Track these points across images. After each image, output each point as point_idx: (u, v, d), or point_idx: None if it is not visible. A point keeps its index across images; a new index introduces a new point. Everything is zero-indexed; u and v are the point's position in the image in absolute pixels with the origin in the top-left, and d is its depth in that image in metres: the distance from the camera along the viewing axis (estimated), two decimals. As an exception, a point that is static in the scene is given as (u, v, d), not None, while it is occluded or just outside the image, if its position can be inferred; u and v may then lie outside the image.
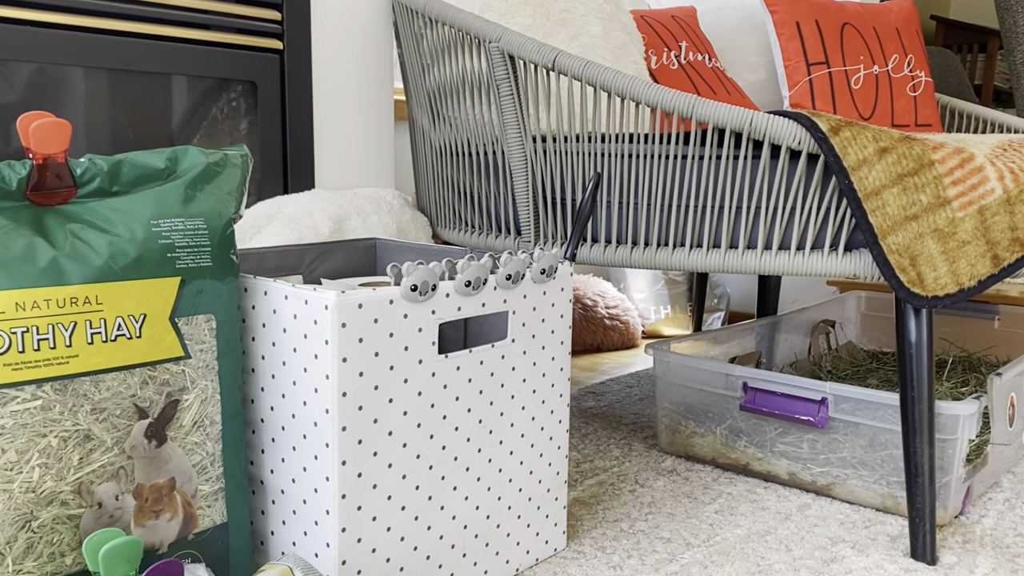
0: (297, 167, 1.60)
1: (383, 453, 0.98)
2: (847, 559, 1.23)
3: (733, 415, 1.53)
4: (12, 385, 0.78)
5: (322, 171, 1.67)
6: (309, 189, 1.61)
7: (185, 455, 0.92)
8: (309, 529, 0.98)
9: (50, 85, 1.40)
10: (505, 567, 1.16)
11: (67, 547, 0.83)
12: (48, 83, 1.40)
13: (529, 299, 1.13)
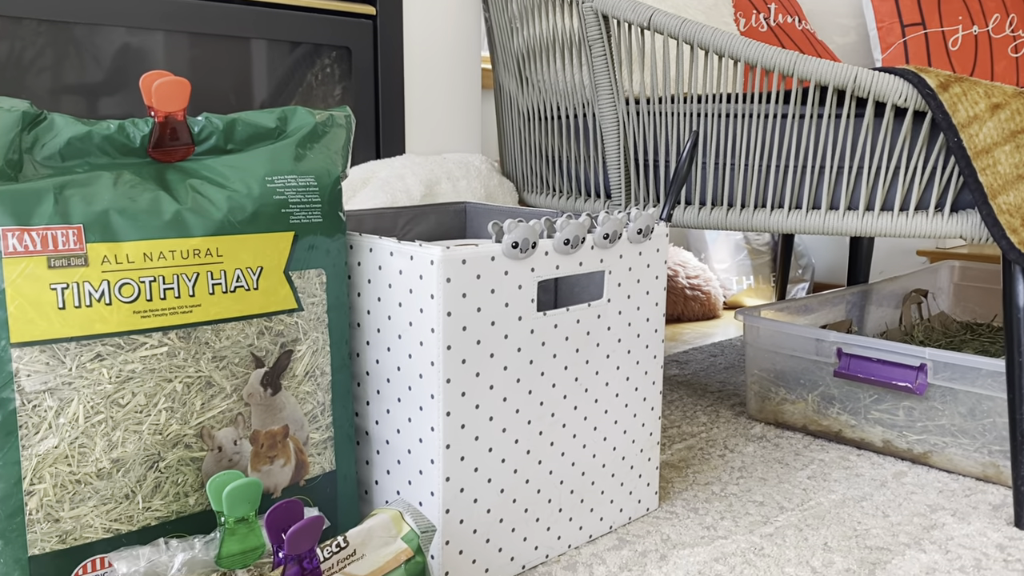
0: (389, 132, 1.63)
1: (484, 406, 1.00)
2: (948, 526, 1.21)
3: (826, 381, 1.50)
4: (141, 332, 0.82)
5: (412, 136, 1.69)
6: (400, 154, 1.64)
7: (297, 404, 0.95)
8: (413, 478, 1.00)
9: (149, 51, 1.45)
10: (599, 524, 1.17)
11: (190, 488, 0.87)
12: (147, 49, 1.45)
13: (625, 259, 1.13)
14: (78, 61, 1.37)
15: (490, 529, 1.03)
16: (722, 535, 1.18)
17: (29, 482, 0.77)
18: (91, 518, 0.80)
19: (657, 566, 1.09)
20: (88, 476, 0.80)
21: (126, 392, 0.82)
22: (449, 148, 1.77)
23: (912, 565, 1.09)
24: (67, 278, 0.78)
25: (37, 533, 0.77)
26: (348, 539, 0.82)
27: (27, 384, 0.76)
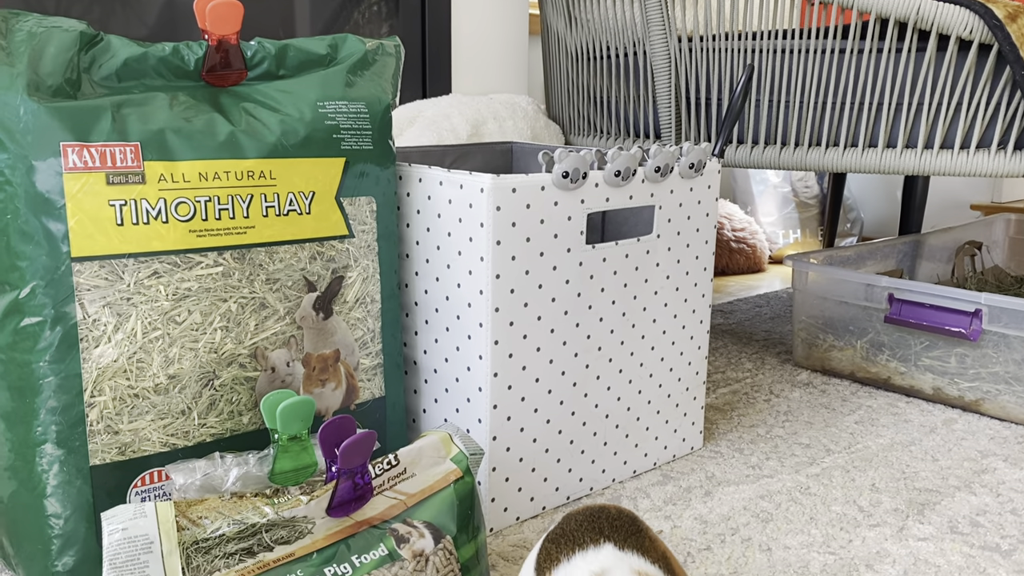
0: (435, 72, 1.62)
1: (532, 337, 1.00)
2: (999, 471, 1.19)
3: (876, 328, 1.48)
4: (197, 251, 0.83)
5: (458, 77, 1.68)
6: (446, 94, 1.63)
7: (348, 329, 0.96)
8: (461, 406, 1.01)
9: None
10: (644, 460, 1.18)
11: (244, 407, 0.88)
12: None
13: (676, 194, 1.12)
14: (123, 18, 1.38)
15: (536, 459, 1.04)
16: (767, 474, 1.17)
17: (90, 394, 0.79)
18: (149, 432, 0.82)
19: (702, 501, 1.09)
20: (146, 391, 0.81)
21: (182, 310, 0.83)
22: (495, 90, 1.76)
23: (962, 507, 1.08)
24: (125, 195, 0.79)
25: (98, 444, 0.79)
26: (399, 457, 0.83)
27: (87, 298, 0.78)
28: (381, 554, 0.77)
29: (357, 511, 0.80)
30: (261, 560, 0.73)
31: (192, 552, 0.71)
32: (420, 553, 0.79)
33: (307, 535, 0.76)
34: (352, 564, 0.76)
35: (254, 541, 0.74)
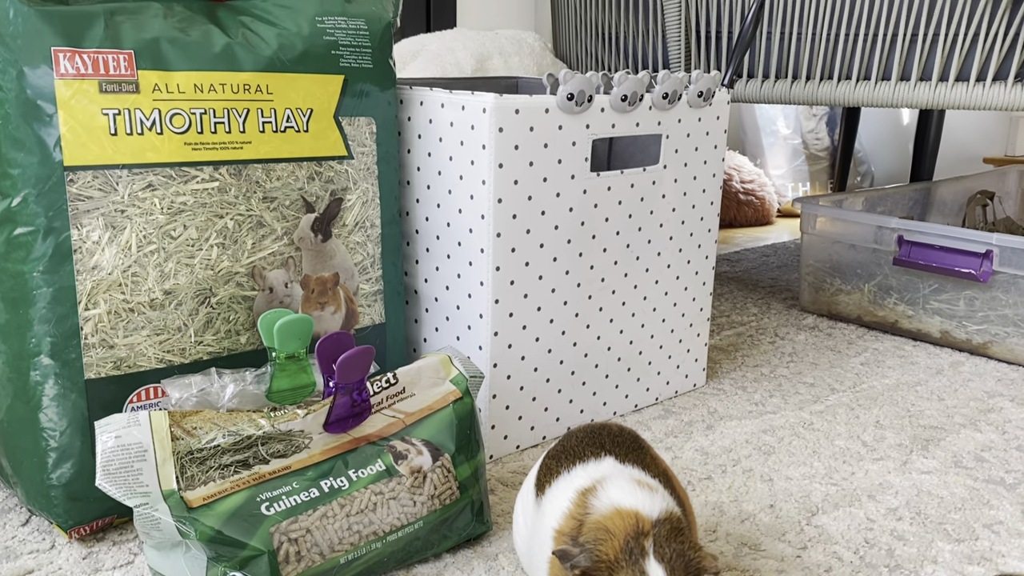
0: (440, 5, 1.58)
1: (534, 264, 0.98)
2: (1006, 410, 1.17)
3: (884, 271, 1.46)
4: (192, 164, 0.82)
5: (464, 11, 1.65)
6: (451, 28, 1.60)
7: (348, 253, 0.95)
8: (462, 334, 1.00)
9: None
10: (646, 395, 1.17)
11: (242, 327, 0.87)
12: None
13: (684, 124, 1.10)
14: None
15: (536, 388, 1.03)
16: (771, 411, 1.16)
17: (84, 307, 0.78)
18: (145, 347, 0.81)
19: (703, 434, 1.08)
20: (141, 305, 0.80)
21: (178, 224, 0.82)
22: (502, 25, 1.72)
23: (967, 443, 1.07)
24: (119, 104, 0.77)
25: (93, 358, 0.79)
26: (397, 376, 0.82)
27: (81, 209, 0.76)
28: (378, 469, 0.77)
29: (355, 428, 0.79)
30: (256, 472, 0.72)
31: (187, 462, 0.70)
32: (418, 470, 0.78)
33: (304, 450, 0.76)
34: (349, 478, 0.75)
35: (250, 454, 0.73)
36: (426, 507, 0.78)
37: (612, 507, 0.60)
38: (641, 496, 0.61)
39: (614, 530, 0.58)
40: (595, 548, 0.57)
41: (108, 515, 0.82)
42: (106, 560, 0.79)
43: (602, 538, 0.58)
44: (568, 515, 0.62)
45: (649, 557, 0.58)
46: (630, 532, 0.58)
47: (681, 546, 0.59)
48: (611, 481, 0.63)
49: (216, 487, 0.70)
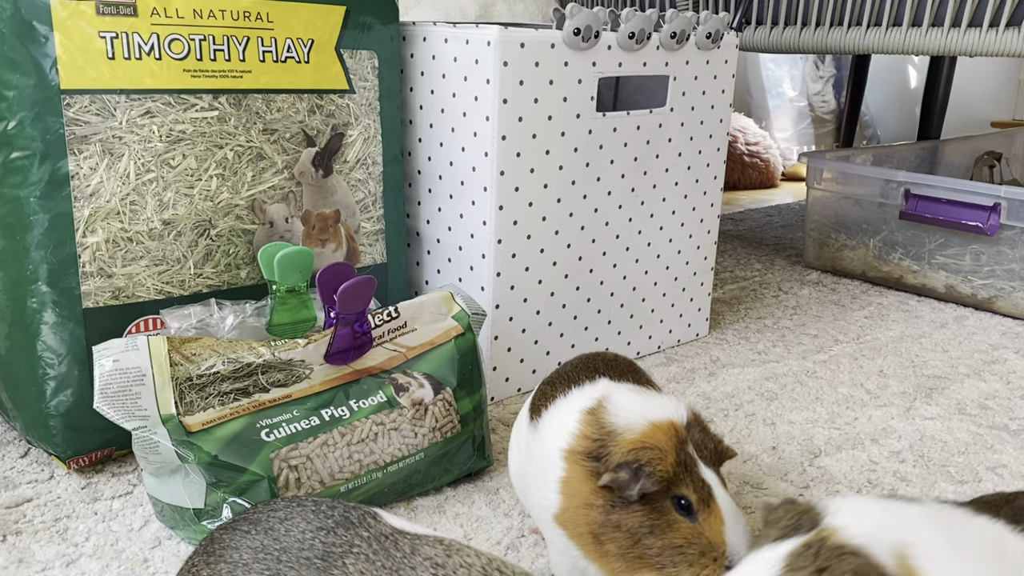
0: (444, -47, 1.56)
1: (538, 205, 0.97)
2: (1009, 361, 1.17)
3: (889, 226, 1.45)
4: (191, 92, 0.80)
5: (468, -40, 1.62)
6: (455, -23, 1.57)
7: (349, 190, 0.93)
8: (464, 275, 0.99)
9: None
10: (648, 342, 1.16)
11: (242, 261, 0.86)
12: None
13: (691, 66, 1.08)
14: None
15: (538, 331, 1.02)
16: (773, 360, 1.15)
17: (82, 234, 0.76)
18: (143, 277, 0.80)
19: (706, 381, 1.08)
20: (140, 235, 0.79)
21: (176, 154, 0.80)
22: (506, -24, 1.70)
23: (971, 391, 1.06)
24: (116, 27, 0.76)
25: (91, 286, 0.78)
26: (399, 310, 0.81)
27: (78, 133, 0.75)
28: (380, 400, 0.76)
29: (356, 360, 0.78)
30: (256, 400, 0.72)
31: (185, 388, 0.69)
32: (419, 402, 0.78)
33: (304, 380, 0.75)
34: (350, 408, 0.75)
35: (250, 382, 0.72)
36: (427, 439, 0.77)
37: (646, 421, 0.59)
38: (662, 403, 0.61)
39: (663, 446, 0.57)
40: (655, 469, 0.56)
41: (107, 446, 0.81)
42: (105, 490, 0.79)
43: (656, 457, 0.57)
44: (579, 435, 0.61)
45: (699, 464, 0.58)
46: (676, 444, 0.58)
47: (712, 442, 0.60)
48: (616, 395, 0.62)
49: (216, 413, 0.70)
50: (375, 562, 0.46)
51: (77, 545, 0.71)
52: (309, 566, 0.46)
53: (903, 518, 0.49)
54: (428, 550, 0.47)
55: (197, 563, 0.49)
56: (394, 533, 0.48)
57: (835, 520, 0.47)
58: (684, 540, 0.56)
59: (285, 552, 0.47)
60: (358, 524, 0.48)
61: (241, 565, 0.47)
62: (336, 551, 0.47)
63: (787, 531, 0.48)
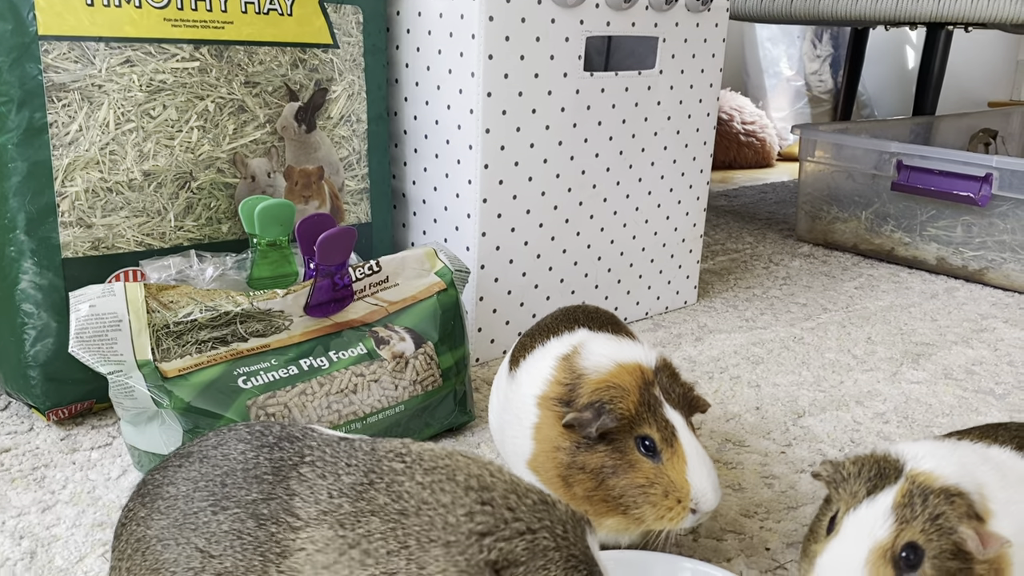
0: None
1: (524, 165, 0.96)
2: (998, 330, 1.16)
3: (881, 197, 1.44)
4: (172, 41, 0.80)
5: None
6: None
7: (333, 147, 0.93)
8: (449, 235, 0.99)
9: None
10: (635, 308, 1.16)
11: (223, 215, 0.86)
12: None
13: (681, 28, 1.07)
14: None
15: (524, 293, 1.01)
16: (761, 326, 1.15)
17: (60, 183, 0.76)
18: (123, 229, 0.80)
19: (692, 345, 1.08)
20: (119, 185, 0.79)
21: (157, 104, 0.80)
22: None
23: (958, 357, 1.06)
24: (94, -27, 0.75)
25: (70, 236, 0.77)
26: (381, 264, 0.80)
27: (56, 81, 0.74)
28: (360, 352, 0.76)
29: (337, 313, 0.78)
30: (234, 348, 0.71)
31: (162, 335, 0.69)
32: (400, 355, 0.77)
33: (283, 331, 0.74)
34: (329, 359, 0.74)
35: (228, 331, 0.72)
36: (408, 392, 0.77)
37: (613, 363, 0.59)
38: (632, 348, 0.61)
39: (626, 385, 0.57)
40: (615, 407, 0.56)
41: (87, 399, 0.81)
42: (84, 441, 0.79)
43: (618, 395, 0.57)
44: (553, 381, 0.61)
45: (664, 405, 0.57)
46: (641, 384, 0.57)
47: (682, 387, 0.60)
48: (592, 342, 0.62)
49: (192, 360, 0.69)
50: (335, 464, 0.45)
51: (54, 492, 0.71)
52: (260, 482, 0.45)
53: (968, 459, 0.50)
54: (387, 444, 0.47)
55: (133, 507, 0.48)
56: (343, 439, 0.48)
57: (922, 466, 0.48)
58: (646, 480, 0.56)
59: (229, 475, 0.46)
60: (302, 437, 0.48)
61: (182, 497, 0.46)
62: (287, 463, 0.46)
63: (875, 483, 0.48)
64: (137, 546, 0.46)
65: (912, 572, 0.46)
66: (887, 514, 0.47)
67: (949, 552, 0.46)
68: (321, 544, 0.43)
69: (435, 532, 0.42)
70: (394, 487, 0.44)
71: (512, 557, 0.42)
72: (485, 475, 0.45)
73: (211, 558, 0.44)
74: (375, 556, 0.42)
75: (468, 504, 0.43)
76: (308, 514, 0.43)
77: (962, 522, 0.46)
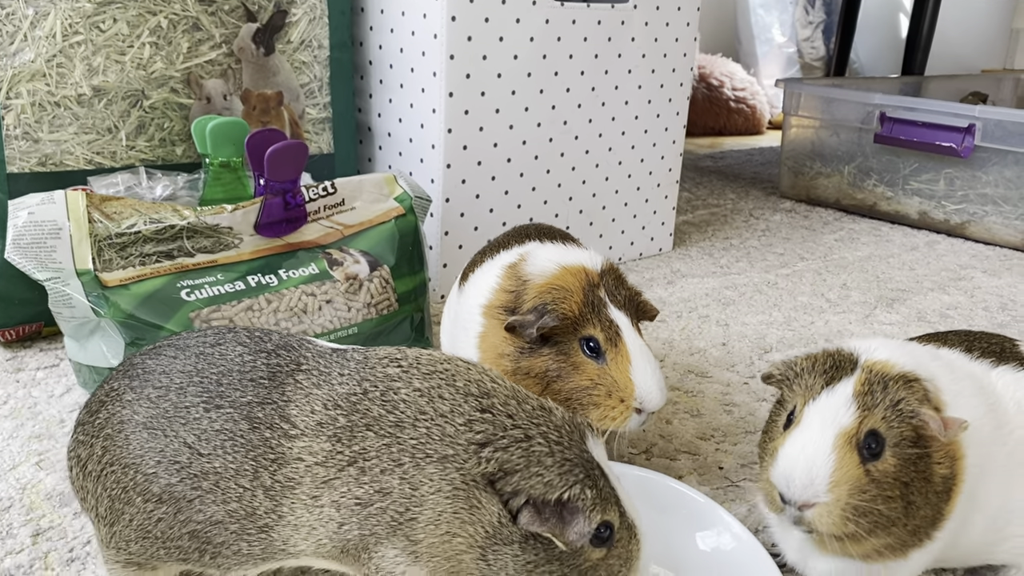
0: None
1: (491, 95, 0.94)
2: (976, 279, 1.15)
3: (865, 152, 1.42)
4: (122, -48, 0.77)
5: None
6: None
7: (292, 72, 0.90)
8: (414, 168, 0.97)
9: None
10: (608, 253, 1.14)
11: (177, 137, 0.84)
12: None
13: (655, -37, 1.05)
14: None
15: (491, 230, 0.99)
16: (735, 272, 1.13)
17: (5, 95, 0.74)
18: (72, 145, 0.78)
19: (663, 288, 1.06)
20: (67, 99, 0.77)
21: (107, 17, 0.77)
22: None
23: (933, 303, 1.04)
24: None
25: (15, 151, 0.75)
26: (336, 185, 0.78)
27: (-1, -13, 0.72)
28: (311, 272, 0.74)
29: (290, 234, 0.76)
30: (180, 263, 0.69)
31: (105, 246, 0.67)
32: (353, 277, 0.75)
33: (233, 248, 0.72)
34: (279, 276, 0.72)
35: (174, 246, 0.70)
36: (361, 314, 0.75)
37: (557, 265, 0.57)
38: (577, 252, 0.59)
39: (570, 287, 0.56)
40: (558, 307, 0.55)
41: (35, 321, 0.79)
42: (30, 362, 0.77)
43: (561, 297, 0.55)
44: (498, 289, 0.59)
45: (608, 305, 0.56)
46: (585, 285, 0.56)
47: (629, 291, 0.58)
48: (538, 250, 0.60)
49: (135, 271, 0.67)
50: (329, 373, 0.45)
51: (-7, 407, 0.69)
52: (256, 385, 0.44)
53: (920, 353, 0.50)
54: (380, 351, 0.46)
55: (118, 387, 0.47)
56: (337, 350, 0.47)
57: (878, 355, 0.47)
58: (590, 381, 0.54)
59: (225, 375, 0.45)
60: (299, 347, 0.47)
61: (175, 389, 0.45)
62: (284, 369, 0.45)
63: (831, 375, 0.48)
64: (120, 428, 0.44)
65: (875, 461, 0.45)
66: (848, 402, 0.46)
67: (910, 440, 0.45)
68: (321, 457, 0.42)
69: (431, 446, 0.41)
70: (389, 395, 0.43)
71: (508, 466, 0.41)
72: (485, 380, 0.44)
73: (199, 456, 0.43)
74: (370, 474, 0.41)
75: (467, 412, 0.42)
76: (305, 423, 0.43)
77: (923, 405, 0.45)
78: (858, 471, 0.44)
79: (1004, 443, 0.50)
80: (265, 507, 0.42)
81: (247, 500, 0.42)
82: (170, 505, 0.43)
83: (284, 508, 0.42)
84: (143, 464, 0.43)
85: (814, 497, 0.44)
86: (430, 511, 0.40)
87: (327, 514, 0.41)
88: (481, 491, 0.41)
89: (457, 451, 0.41)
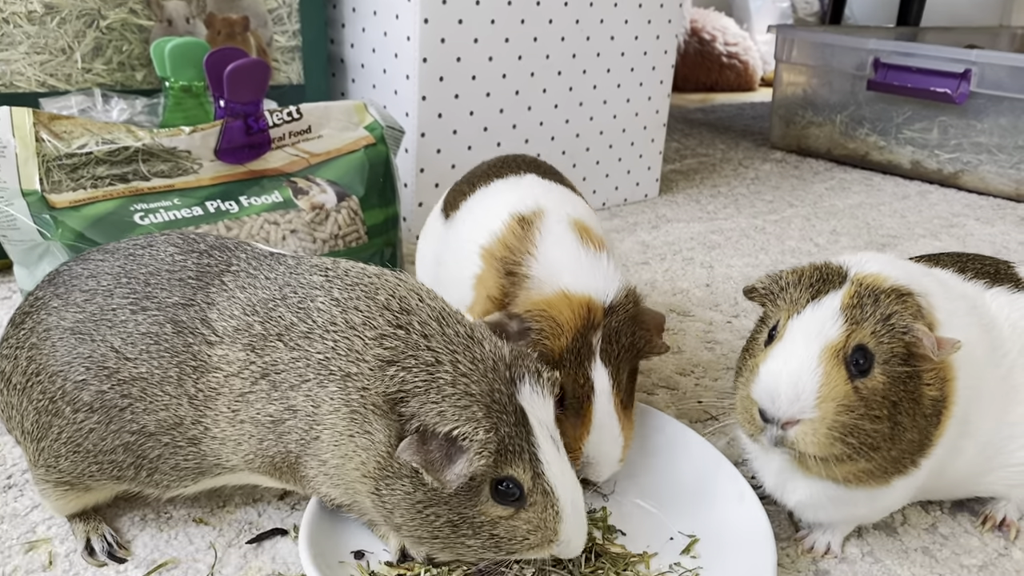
0: None
1: (469, 23, 0.90)
2: (968, 226, 1.12)
3: (857, 100, 1.38)
4: None
5: None
6: None
7: (260, -4, 0.86)
8: (389, 100, 0.93)
9: None
10: (592, 198, 1.10)
11: (136, 61, 0.80)
12: None
13: None
14: None
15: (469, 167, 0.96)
16: (722, 218, 1.10)
17: (-51, 8, 0.69)
18: (23, 66, 0.73)
19: (648, 232, 1.03)
20: (17, 16, 0.72)
21: (57, -72, 0.73)
22: None
23: (924, 248, 1.02)
24: None
25: (-38, 69, 0.71)
26: (302, 111, 0.75)
27: None
28: (275, 200, 0.70)
29: (252, 161, 0.72)
30: (134, 186, 0.66)
31: (54, 167, 0.63)
32: (320, 207, 0.72)
33: (191, 173, 0.69)
34: (240, 203, 0.69)
35: (128, 170, 0.66)
36: (328, 245, 0.72)
37: (559, 290, 0.51)
38: (594, 272, 0.52)
39: (562, 323, 0.50)
40: (541, 339, 0.50)
41: (-14, 251, 0.76)
42: (-19, 294, 0.74)
43: (548, 331, 0.50)
44: (501, 240, 0.55)
45: (595, 358, 0.50)
46: (579, 327, 0.50)
47: (634, 336, 0.51)
48: (554, 230, 0.54)
49: (86, 194, 0.64)
50: (257, 276, 0.42)
51: (-63, 337, 0.66)
52: (183, 286, 0.42)
53: (913, 269, 0.48)
54: (314, 260, 0.44)
55: (43, 296, 0.44)
56: (273, 255, 0.44)
57: (869, 268, 0.44)
58: None
59: (154, 275, 0.42)
60: (234, 248, 0.44)
61: (101, 292, 0.42)
62: (212, 270, 0.42)
63: (818, 288, 0.44)
64: (46, 336, 0.42)
65: (863, 378, 0.42)
66: (836, 315, 0.43)
67: (900, 357, 0.42)
68: (236, 367, 0.40)
69: (336, 362, 0.39)
70: (305, 303, 0.40)
71: (409, 387, 0.38)
72: (412, 299, 0.41)
73: (126, 360, 0.40)
74: (280, 389, 0.39)
75: (381, 326, 0.40)
76: (223, 328, 0.40)
77: (917, 321, 0.42)
78: (846, 387, 0.41)
79: (998, 366, 0.47)
80: (191, 416, 0.39)
81: (173, 409, 0.39)
82: (101, 414, 0.40)
83: (208, 420, 0.39)
84: (71, 371, 0.40)
85: (800, 413, 0.41)
86: (329, 432, 0.38)
87: (247, 430, 0.39)
88: (378, 415, 0.38)
89: (361, 368, 0.39)
